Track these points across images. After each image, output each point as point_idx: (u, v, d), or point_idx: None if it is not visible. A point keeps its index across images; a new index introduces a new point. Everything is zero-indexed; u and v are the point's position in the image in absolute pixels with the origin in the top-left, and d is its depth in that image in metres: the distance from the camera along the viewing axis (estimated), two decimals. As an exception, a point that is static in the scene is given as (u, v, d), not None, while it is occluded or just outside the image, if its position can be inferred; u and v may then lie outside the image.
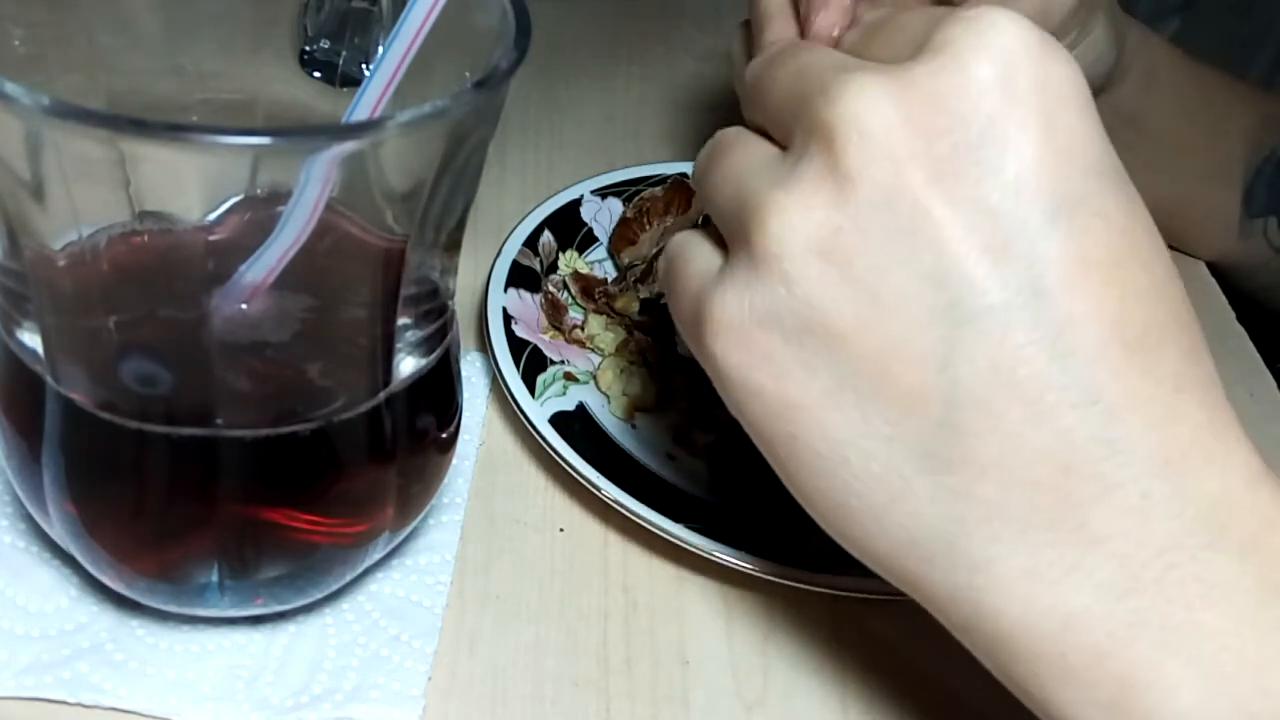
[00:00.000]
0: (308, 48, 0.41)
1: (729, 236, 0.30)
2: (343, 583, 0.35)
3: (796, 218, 0.27)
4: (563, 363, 0.45)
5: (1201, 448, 0.27)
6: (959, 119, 0.26)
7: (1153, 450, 0.26)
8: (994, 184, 0.26)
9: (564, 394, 0.43)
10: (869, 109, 0.27)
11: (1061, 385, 0.26)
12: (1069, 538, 0.27)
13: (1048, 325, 0.26)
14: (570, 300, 0.48)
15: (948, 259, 0.26)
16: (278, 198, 0.29)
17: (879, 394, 0.27)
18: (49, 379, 0.30)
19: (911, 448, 0.27)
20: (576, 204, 0.51)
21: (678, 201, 0.50)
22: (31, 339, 0.31)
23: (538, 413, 0.42)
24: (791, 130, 0.29)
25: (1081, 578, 0.27)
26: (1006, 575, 0.27)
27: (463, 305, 0.41)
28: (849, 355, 0.28)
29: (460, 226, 0.33)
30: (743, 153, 0.31)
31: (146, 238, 0.31)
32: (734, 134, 0.32)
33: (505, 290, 0.46)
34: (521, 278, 0.47)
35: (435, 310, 0.33)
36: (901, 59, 0.28)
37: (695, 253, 0.32)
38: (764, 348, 0.29)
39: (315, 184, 0.28)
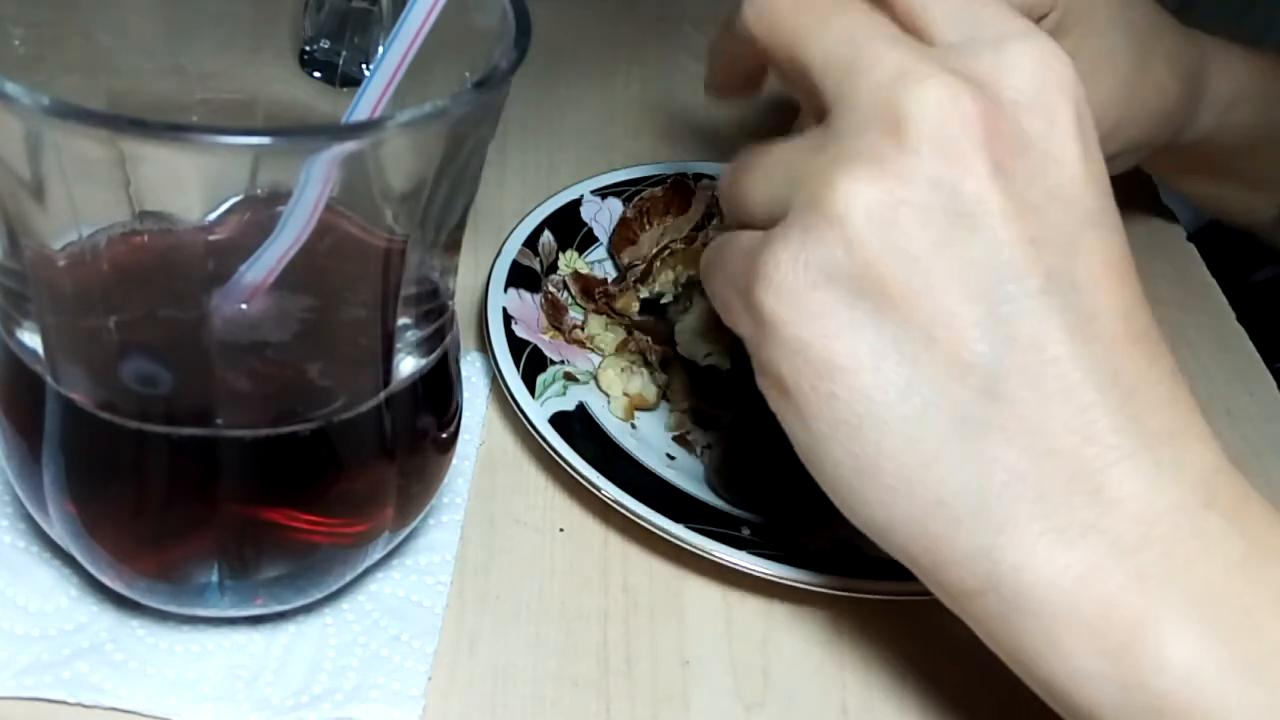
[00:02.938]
0: (308, 48, 0.41)
1: (778, 208, 0.32)
2: (343, 583, 0.35)
3: (863, 184, 0.30)
4: (563, 363, 0.45)
5: (1195, 427, 0.31)
6: (1017, 127, 0.30)
7: (1160, 425, 0.30)
8: (1042, 187, 0.30)
9: (564, 394, 0.43)
10: (948, 104, 0.30)
11: (1087, 365, 0.29)
12: (1087, 500, 0.29)
13: (1078, 312, 0.30)
14: (570, 300, 0.48)
15: (1001, 245, 0.29)
16: (278, 198, 0.29)
17: (924, 360, 0.30)
18: (49, 379, 0.30)
19: (949, 413, 0.30)
20: (576, 204, 0.51)
21: (678, 201, 0.50)
22: (31, 339, 0.31)
23: (538, 413, 0.42)
24: (840, 92, 0.31)
25: (1096, 536, 0.29)
26: (1029, 535, 0.29)
27: (463, 305, 0.41)
28: (899, 321, 0.30)
29: (460, 226, 0.33)
30: (779, 152, 0.33)
31: (146, 238, 0.31)
32: (756, 146, 0.34)
33: (505, 290, 0.46)
34: (521, 278, 0.47)
35: (435, 310, 0.33)
36: (957, 50, 0.31)
37: (738, 237, 0.33)
38: (817, 306, 0.30)
39: (315, 184, 0.28)
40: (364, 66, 0.41)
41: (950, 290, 0.29)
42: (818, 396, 0.31)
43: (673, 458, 0.44)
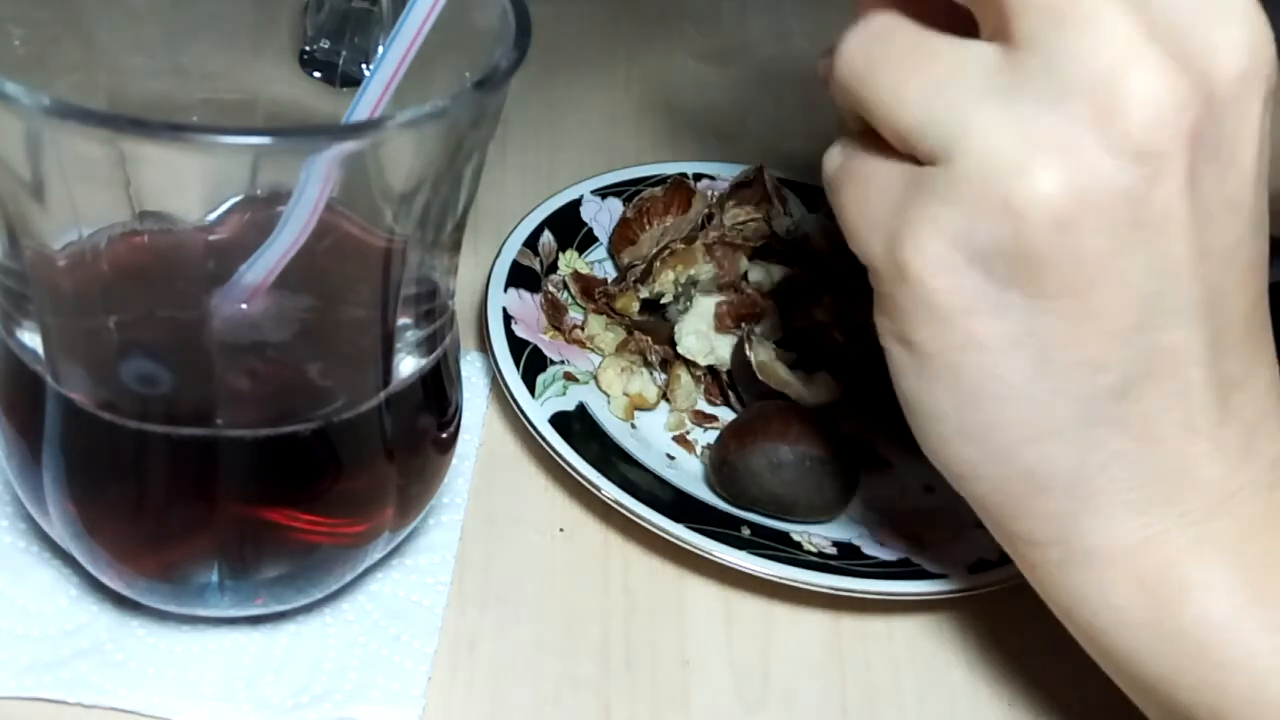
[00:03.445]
0: (308, 48, 0.41)
1: (927, 141, 0.29)
2: (343, 583, 0.35)
3: (1053, 177, 0.28)
4: (563, 363, 0.45)
5: (1274, 413, 0.32)
6: (1217, 128, 0.28)
7: (1251, 415, 0.31)
8: (1221, 194, 0.29)
9: (564, 394, 0.43)
10: (1165, 105, 0.27)
11: (1210, 368, 0.30)
12: (1175, 479, 0.31)
13: (1220, 319, 0.30)
14: (570, 300, 0.48)
15: (1173, 258, 0.29)
16: (278, 198, 0.29)
17: (1062, 355, 0.30)
18: (49, 379, 0.30)
19: (1072, 402, 0.30)
20: (576, 204, 0.51)
21: (678, 201, 0.50)
22: (31, 339, 0.31)
23: (538, 413, 0.42)
24: (1043, 37, 0.28)
25: (1170, 507, 0.31)
26: (1109, 506, 0.31)
27: (463, 305, 0.41)
28: (1047, 313, 0.29)
29: (460, 226, 0.33)
30: (944, 67, 0.29)
31: (146, 238, 0.31)
32: (912, 35, 0.30)
33: (505, 290, 0.46)
34: (521, 278, 0.47)
35: (435, 310, 0.33)
36: (1175, 24, 0.28)
37: (881, 156, 0.31)
38: (967, 280, 0.29)
39: (315, 184, 0.28)
40: (364, 66, 0.41)
41: (1110, 297, 0.29)
42: (945, 361, 0.31)
43: (673, 458, 0.44)
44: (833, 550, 0.40)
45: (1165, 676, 0.31)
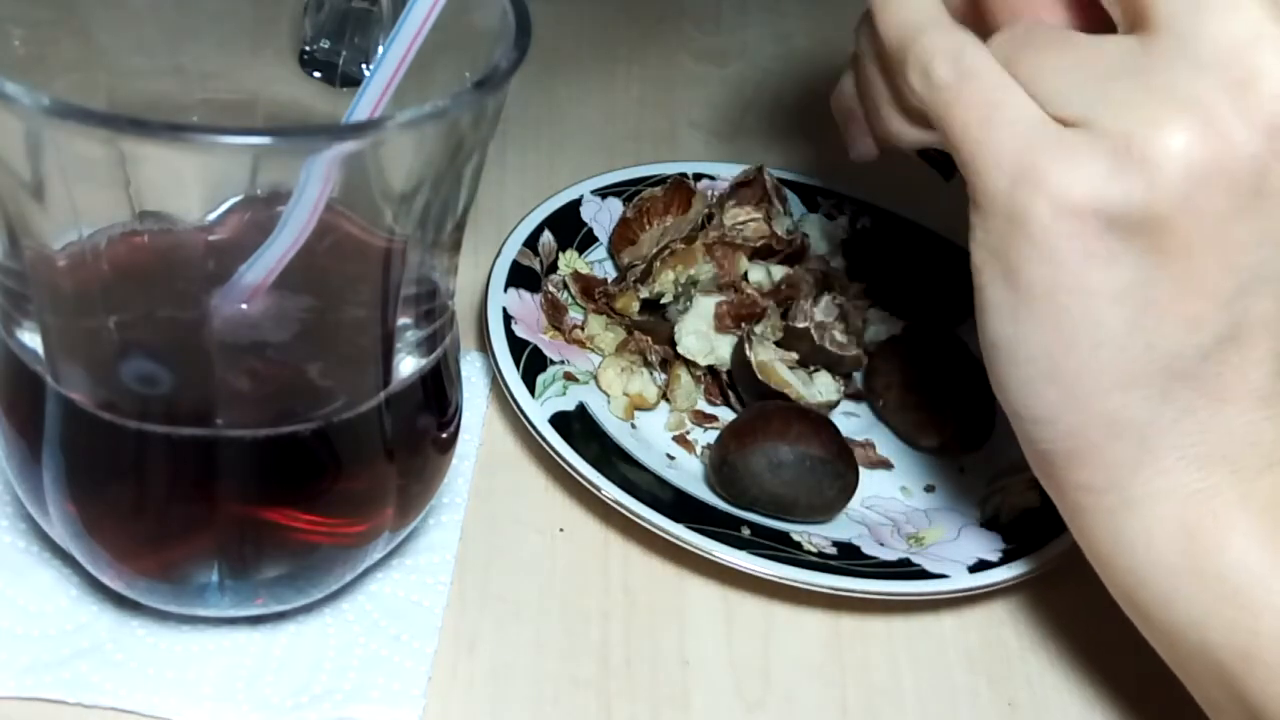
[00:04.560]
0: (308, 48, 0.41)
1: (1065, 109, 0.31)
2: (343, 583, 0.35)
3: (1190, 138, 0.30)
4: (563, 363, 0.45)
5: None
6: None
7: None
8: None
9: (564, 394, 0.43)
10: None
11: None
12: (1237, 439, 0.32)
13: None
14: (570, 300, 0.48)
15: (1278, 230, 0.30)
16: (278, 198, 0.29)
17: (1165, 310, 0.31)
18: (49, 379, 0.30)
19: (1161, 355, 0.31)
20: (576, 204, 0.51)
21: (678, 201, 0.50)
22: (31, 339, 0.31)
23: (538, 413, 0.42)
24: (1178, 17, 0.30)
25: (1225, 464, 0.32)
26: (1169, 457, 0.32)
27: (463, 305, 0.41)
28: (1159, 267, 0.31)
29: (460, 226, 0.33)
30: (1082, 50, 0.32)
31: (146, 238, 0.31)
32: (1052, 31, 0.33)
33: (505, 290, 0.46)
34: (521, 278, 0.47)
35: (435, 310, 0.33)
36: None
37: (1010, 90, 0.32)
38: (1092, 229, 0.31)
39: (315, 184, 0.28)
40: (364, 66, 0.41)
41: (1221, 259, 0.31)
42: (1049, 304, 0.32)
43: (673, 458, 0.44)
44: (833, 550, 0.40)
45: (1199, 620, 0.32)
